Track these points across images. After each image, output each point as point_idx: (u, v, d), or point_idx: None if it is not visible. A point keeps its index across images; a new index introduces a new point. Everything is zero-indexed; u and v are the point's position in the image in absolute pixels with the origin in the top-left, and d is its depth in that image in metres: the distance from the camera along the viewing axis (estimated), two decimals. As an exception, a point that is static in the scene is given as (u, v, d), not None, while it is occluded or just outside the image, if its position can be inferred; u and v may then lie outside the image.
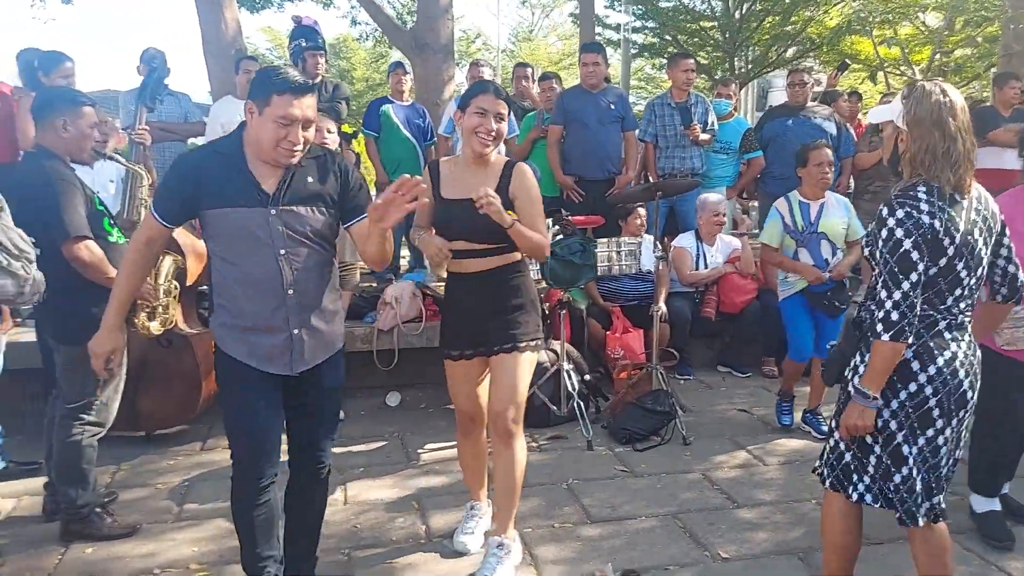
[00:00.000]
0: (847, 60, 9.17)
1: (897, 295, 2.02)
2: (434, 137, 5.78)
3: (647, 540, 2.93)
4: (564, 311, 4.19)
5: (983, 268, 2.13)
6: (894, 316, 2.01)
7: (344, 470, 3.62)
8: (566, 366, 4.12)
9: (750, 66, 14.11)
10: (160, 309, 3.39)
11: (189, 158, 2.30)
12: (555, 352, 4.20)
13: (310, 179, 2.27)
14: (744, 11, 12.98)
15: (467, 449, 2.92)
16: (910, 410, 2.09)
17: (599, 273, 4.26)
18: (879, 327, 2.03)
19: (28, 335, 3.64)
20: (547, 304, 4.42)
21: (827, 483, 2.28)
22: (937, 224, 2.03)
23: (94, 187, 3.47)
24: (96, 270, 2.82)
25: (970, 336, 2.14)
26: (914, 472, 2.10)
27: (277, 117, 2.12)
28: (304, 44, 5.29)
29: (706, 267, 5.18)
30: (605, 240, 4.40)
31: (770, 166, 5.75)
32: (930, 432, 2.09)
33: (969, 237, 2.07)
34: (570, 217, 4.35)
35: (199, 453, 3.85)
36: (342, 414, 4.25)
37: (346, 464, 3.69)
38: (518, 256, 2.68)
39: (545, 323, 4.41)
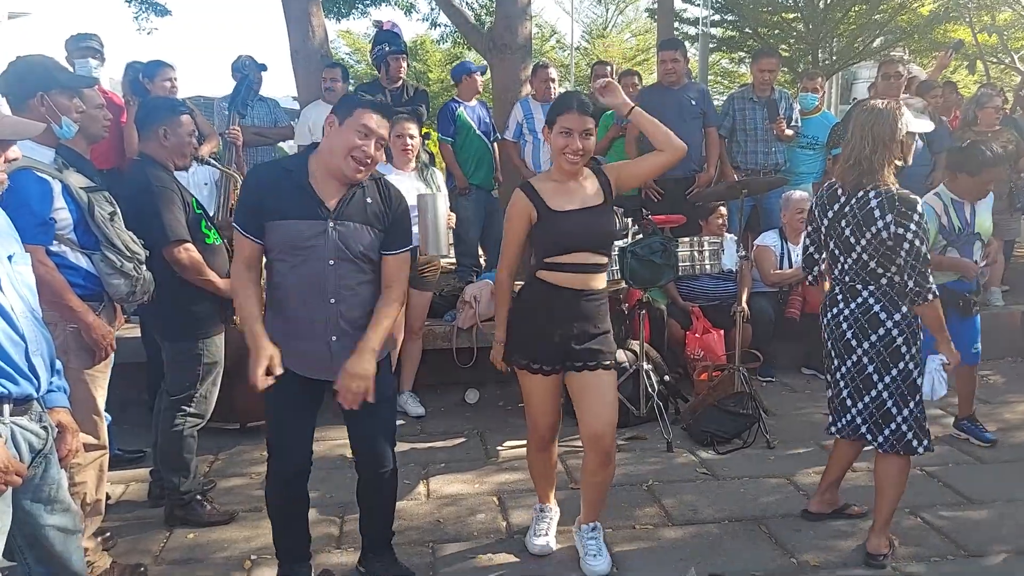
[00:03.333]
0: (962, 40, 8.72)
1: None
2: (497, 133, 5.80)
3: (730, 545, 2.89)
4: (643, 311, 4.16)
5: (857, 255, 2.65)
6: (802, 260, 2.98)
7: (426, 464, 3.71)
8: (645, 366, 4.09)
9: (834, 58, 13.56)
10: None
11: (257, 174, 2.44)
12: (634, 352, 4.18)
13: (369, 200, 2.41)
14: (829, 0, 12.48)
15: (541, 464, 2.88)
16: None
17: (680, 273, 4.20)
18: None
19: (135, 331, 3.87)
20: (626, 304, 4.40)
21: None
22: (814, 206, 2.84)
23: (190, 189, 3.67)
24: (193, 272, 2.97)
25: (864, 300, 2.67)
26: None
27: (358, 126, 2.29)
28: (387, 48, 5.41)
29: (790, 266, 5.03)
30: (687, 239, 4.34)
31: None
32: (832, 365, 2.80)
33: (836, 224, 2.71)
34: (650, 216, 4.31)
35: (289, 445, 4.02)
36: (422, 409, 4.38)
37: (428, 459, 3.78)
38: (605, 281, 2.69)
39: (624, 323, 4.41)
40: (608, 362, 2.65)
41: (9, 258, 1.82)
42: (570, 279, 2.58)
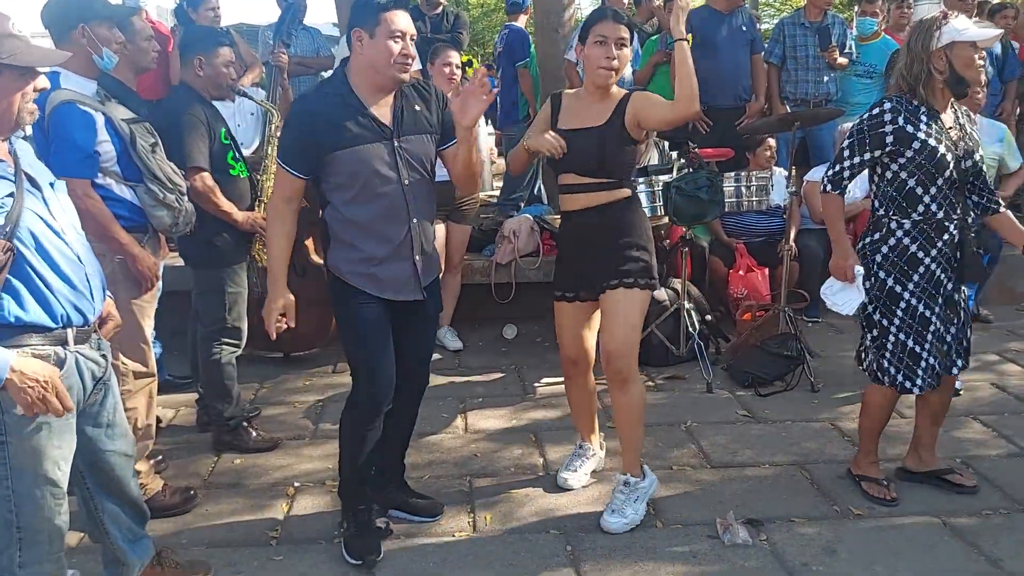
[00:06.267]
0: None
1: None
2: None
3: (770, 489, 2.87)
4: (686, 248, 4.07)
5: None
6: None
7: (464, 399, 3.75)
8: (686, 305, 4.02)
9: (898, -23, 12.73)
10: None
11: (302, 106, 2.33)
12: (675, 290, 4.10)
13: (417, 107, 2.36)
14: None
15: (572, 393, 2.91)
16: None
17: (727, 209, 4.08)
18: None
19: (179, 260, 3.90)
20: (668, 241, 4.30)
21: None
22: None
23: (235, 120, 3.62)
24: (207, 201, 2.94)
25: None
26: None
27: (391, 32, 2.21)
28: (427, -27, 5.22)
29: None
30: (733, 174, 4.18)
31: None
32: None
33: None
34: (697, 150, 4.15)
35: (331, 375, 4.09)
36: (460, 344, 4.40)
37: (465, 393, 3.82)
38: (627, 192, 2.62)
39: (666, 261, 4.32)
40: (632, 280, 2.56)
41: (51, 185, 1.83)
42: (577, 199, 2.58)
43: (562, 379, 2.86)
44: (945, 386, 2.74)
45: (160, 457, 3.07)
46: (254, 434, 3.26)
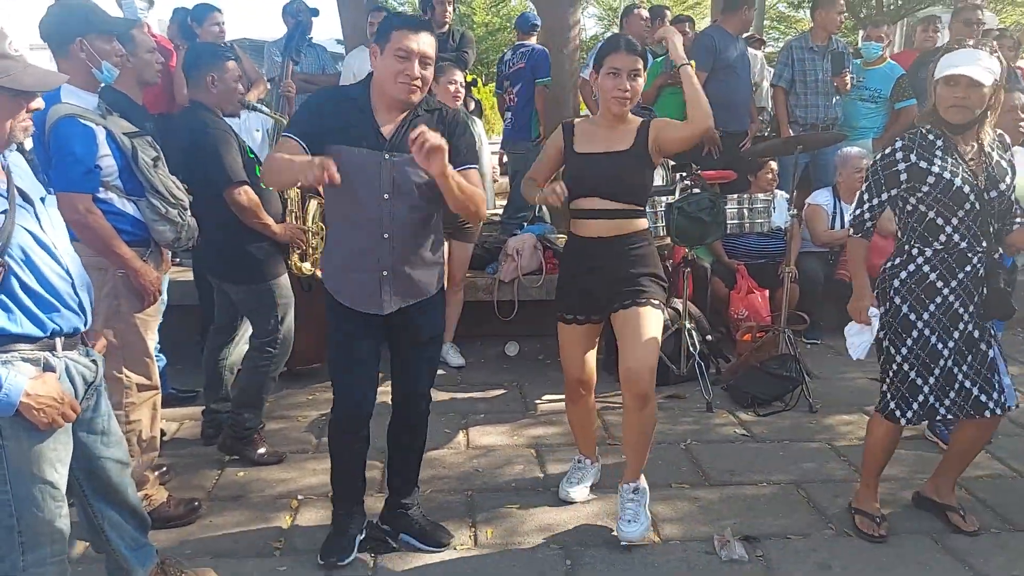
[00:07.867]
0: None
1: None
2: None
3: (767, 507, 2.89)
4: (688, 269, 4.11)
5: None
6: None
7: (466, 414, 3.77)
8: (687, 325, 4.06)
9: (900, 1, 12.84)
10: (311, 251, 3.50)
11: (324, 94, 2.42)
12: (676, 310, 4.13)
13: None
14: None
15: (576, 414, 2.93)
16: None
17: (728, 231, 4.12)
18: None
19: (187, 274, 3.97)
20: (671, 262, 4.34)
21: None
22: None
23: (241, 136, 3.67)
24: (252, 214, 3.00)
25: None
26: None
27: (396, 50, 2.22)
28: (433, -8, 5.30)
29: (843, 227, 4.89)
30: (735, 196, 4.23)
31: None
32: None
33: None
34: (700, 172, 4.21)
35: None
36: (463, 360, 4.44)
37: (467, 409, 3.84)
38: (644, 225, 2.64)
39: (668, 281, 4.35)
40: (645, 299, 2.57)
41: (41, 200, 1.86)
42: (593, 227, 2.56)
43: (563, 396, 2.91)
44: (974, 431, 2.63)
45: (164, 468, 3.09)
46: (262, 448, 3.27)
